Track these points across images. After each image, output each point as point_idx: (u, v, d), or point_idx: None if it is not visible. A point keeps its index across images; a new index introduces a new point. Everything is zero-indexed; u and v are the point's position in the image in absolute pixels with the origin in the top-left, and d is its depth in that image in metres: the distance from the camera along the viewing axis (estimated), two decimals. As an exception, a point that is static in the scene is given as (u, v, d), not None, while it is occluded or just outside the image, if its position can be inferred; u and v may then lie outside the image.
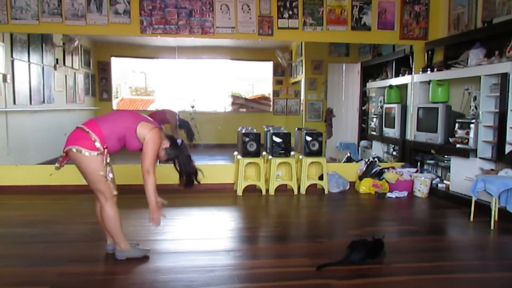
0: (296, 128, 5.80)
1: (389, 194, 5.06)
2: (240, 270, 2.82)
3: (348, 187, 5.43)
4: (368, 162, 5.53)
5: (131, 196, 4.91)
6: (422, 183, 5.04)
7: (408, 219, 4.31)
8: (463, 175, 4.56)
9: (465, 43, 4.82)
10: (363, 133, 7.01)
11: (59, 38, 6.60)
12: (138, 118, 2.86)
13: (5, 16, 4.93)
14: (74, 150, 2.73)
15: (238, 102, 9.03)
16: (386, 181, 5.21)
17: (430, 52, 5.50)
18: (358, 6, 5.47)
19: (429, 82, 5.26)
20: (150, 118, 2.95)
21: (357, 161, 6.11)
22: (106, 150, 2.75)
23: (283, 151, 5.21)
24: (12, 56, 5.46)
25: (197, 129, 7.62)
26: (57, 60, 6.66)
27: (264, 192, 5.15)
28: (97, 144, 2.71)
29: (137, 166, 5.47)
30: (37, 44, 6.12)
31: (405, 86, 5.88)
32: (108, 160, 2.78)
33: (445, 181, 5.06)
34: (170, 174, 5.55)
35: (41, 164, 5.67)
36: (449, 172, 4.92)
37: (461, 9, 5.15)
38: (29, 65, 5.89)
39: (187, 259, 2.99)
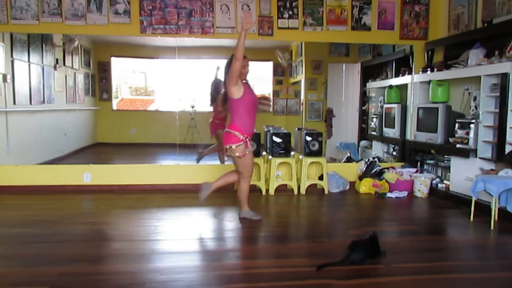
0: (296, 128, 5.80)
1: (389, 194, 5.06)
2: (240, 270, 2.82)
3: (348, 187, 5.43)
4: (368, 162, 5.53)
5: (131, 196, 4.93)
6: (422, 183, 5.04)
7: (408, 219, 4.31)
8: (463, 175, 4.56)
9: (465, 43, 4.82)
10: (363, 133, 7.01)
11: (59, 38, 6.59)
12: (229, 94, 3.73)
13: (5, 16, 4.94)
14: (227, 147, 3.73)
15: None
16: (386, 181, 5.21)
17: (430, 52, 5.50)
18: (358, 6, 5.47)
19: (429, 82, 5.26)
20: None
21: (357, 161, 6.11)
22: (247, 139, 3.71)
23: (283, 151, 5.21)
24: (12, 56, 5.46)
25: (197, 129, 7.62)
26: (57, 60, 6.66)
27: (264, 192, 5.15)
28: (241, 137, 3.69)
29: (137, 166, 5.50)
30: (37, 44, 6.11)
31: (405, 86, 5.88)
32: (249, 147, 3.73)
33: (445, 181, 5.06)
34: (170, 174, 5.58)
35: (41, 164, 5.68)
36: (449, 172, 4.92)
37: (461, 9, 5.15)
38: (29, 65, 5.89)
39: (187, 259, 2.99)
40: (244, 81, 3.76)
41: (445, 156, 5.07)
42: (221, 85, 6.21)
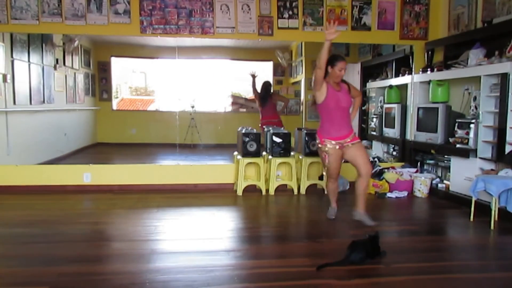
0: (296, 128, 5.80)
1: (389, 194, 5.06)
2: (240, 270, 2.82)
3: (348, 187, 5.42)
4: (368, 162, 5.53)
5: (131, 196, 4.94)
6: (422, 183, 5.04)
7: (408, 219, 4.31)
8: (463, 175, 4.56)
9: (465, 43, 4.82)
10: (363, 133, 7.01)
11: (59, 38, 6.60)
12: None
13: (5, 16, 4.93)
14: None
15: (238, 102, 9.02)
16: (386, 181, 5.21)
17: (430, 52, 5.49)
18: (358, 6, 5.47)
19: (429, 82, 5.26)
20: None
21: (357, 161, 6.09)
22: (323, 141, 3.80)
23: (283, 151, 5.21)
24: (12, 56, 5.46)
25: (197, 129, 7.62)
26: (57, 60, 6.66)
27: (264, 192, 5.15)
28: (317, 140, 3.88)
29: (137, 166, 5.49)
30: (37, 44, 6.11)
31: (405, 86, 5.88)
32: (326, 149, 3.81)
33: (445, 181, 5.06)
34: (170, 174, 5.58)
35: (41, 164, 5.68)
36: (449, 172, 4.92)
37: (461, 9, 5.15)
38: (29, 65, 5.89)
39: (187, 259, 2.99)
40: (342, 82, 3.81)
41: (445, 156, 5.06)
42: (271, 86, 6.48)
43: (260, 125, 6.35)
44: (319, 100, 3.73)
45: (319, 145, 3.86)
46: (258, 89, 6.53)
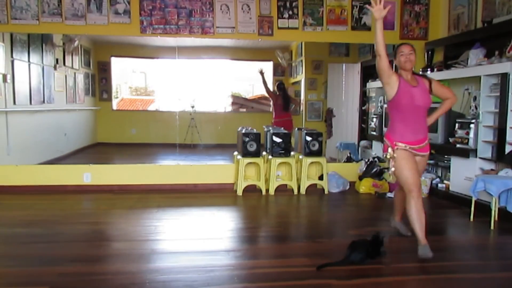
0: (296, 128, 5.80)
1: (389, 194, 5.06)
2: (240, 270, 2.82)
3: (348, 187, 5.43)
4: (368, 162, 5.53)
5: (131, 196, 4.93)
6: (422, 183, 5.02)
7: (408, 219, 4.30)
8: (463, 175, 4.55)
9: (465, 43, 4.82)
10: (363, 133, 7.01)
11: (59, 38, 6.60)
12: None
13: (5, 16, 4.93)
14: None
15: (238, 102, 9.02)
16: (386, 181, 5.21)
17: (430, 52, 5.49)
18: (358, 6, 5.47)
19: (429, 82, 5.26)
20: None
21: (357, 161, 6.11)
22: (394, 145, 3.12)
23: (283, 151, 5.21)
24: (12, 56, 5.46)
25: (197, 129, 7.62)
26: (57, 60, 6.66)
27: (264, 192, 5.15)
28: (387, 142, 3.18)
29: (137, 166, 5.50)
30: (37, 44, 6.11)
31: (405, 86, 5.87)
32: (394, 155, 3.11)
33: (445, 181, 5.05)
34: (170, 174, 5.58)
35: (41, 164, 5.68)
36: (449, 172, 4.92)
37: (461, 9, 5.15)
38: (29, 65, 5.89)
39: (187, 259, 2.99)
40: (423, 77, 3.30)
41: (445, 156, 5.06)
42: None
43: (272, 122, 6.55)
44: (389, 95, 3.13)
45: (389, 150, 3.14)
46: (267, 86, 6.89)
